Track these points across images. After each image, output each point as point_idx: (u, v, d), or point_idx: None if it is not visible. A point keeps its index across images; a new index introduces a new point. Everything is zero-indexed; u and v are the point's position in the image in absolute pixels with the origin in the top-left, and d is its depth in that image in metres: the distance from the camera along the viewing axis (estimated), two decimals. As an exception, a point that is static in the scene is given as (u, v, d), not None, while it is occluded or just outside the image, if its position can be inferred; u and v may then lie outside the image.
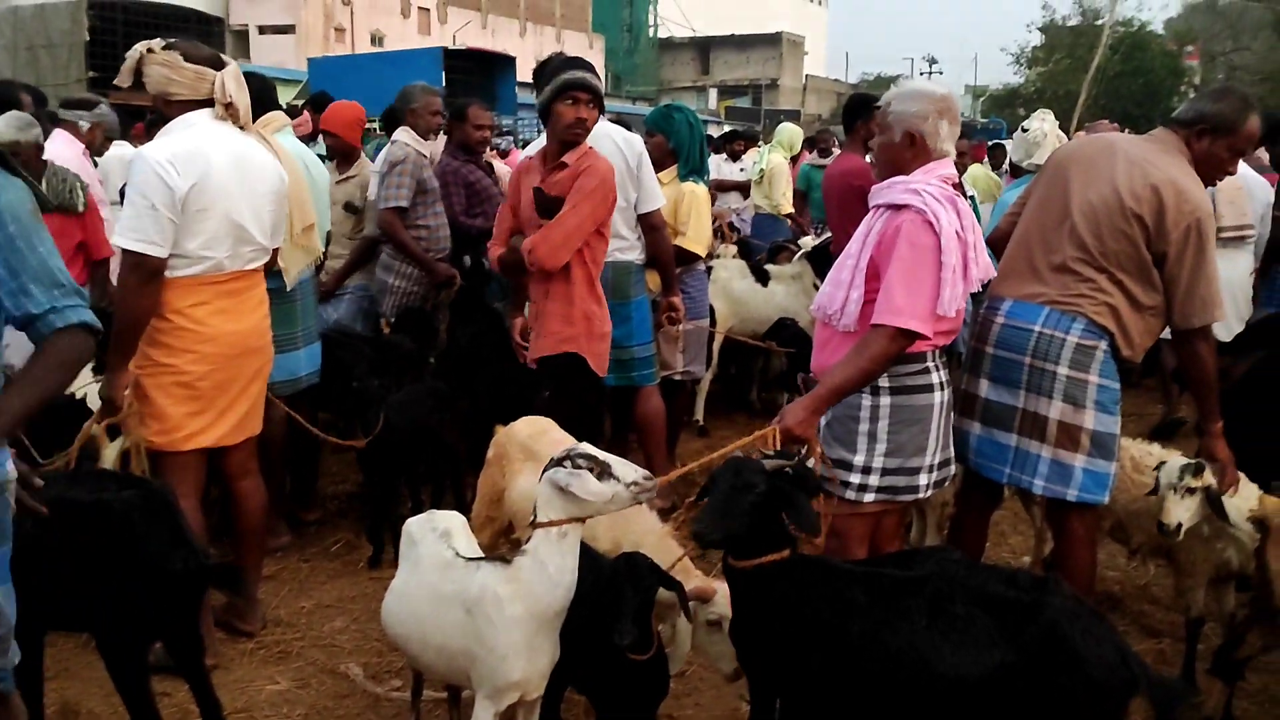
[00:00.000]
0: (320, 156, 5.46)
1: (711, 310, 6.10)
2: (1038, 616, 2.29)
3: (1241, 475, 3.50)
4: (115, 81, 3.53)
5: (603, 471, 2.40)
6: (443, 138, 5.97)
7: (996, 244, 3.67)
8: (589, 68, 4.04)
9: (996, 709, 2.30)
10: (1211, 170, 3.29)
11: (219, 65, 3.53)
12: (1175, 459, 3.37)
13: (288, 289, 4.36)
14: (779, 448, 2.84)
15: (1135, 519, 3.62)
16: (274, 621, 4.04)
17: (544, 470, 2.49)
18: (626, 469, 2.42)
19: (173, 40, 3.52)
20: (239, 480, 3.83)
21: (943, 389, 3.12)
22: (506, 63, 19.18)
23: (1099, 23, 35.33)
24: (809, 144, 12.59)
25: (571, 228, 3.88)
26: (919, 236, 2.90)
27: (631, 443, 5.52)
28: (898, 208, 2.97)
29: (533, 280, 4.08)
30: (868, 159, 5.29)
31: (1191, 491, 3.23)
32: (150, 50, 3.44)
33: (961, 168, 6.10)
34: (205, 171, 3.39)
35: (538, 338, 4.10)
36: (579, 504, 2.41)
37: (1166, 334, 3.44)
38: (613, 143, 4.51)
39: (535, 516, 2.48)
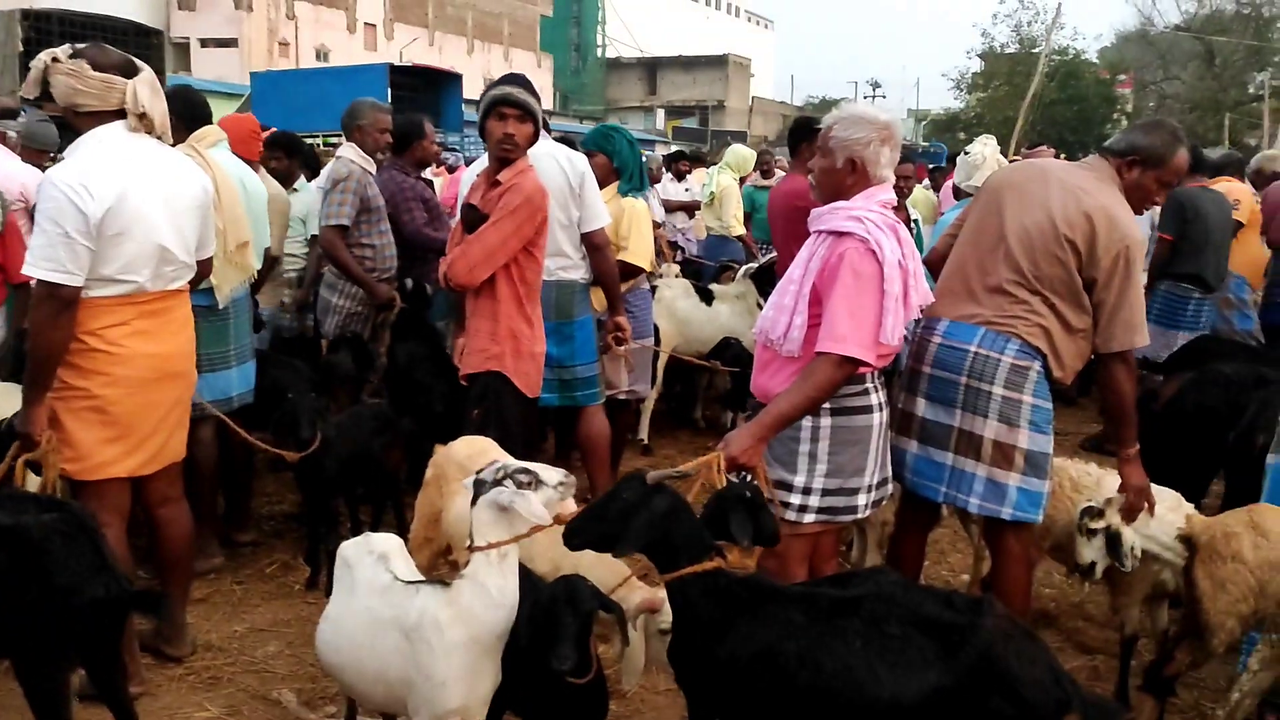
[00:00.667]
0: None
1: (656, 329, 6.11)
2: (972, 638, 2.29)
3: (1174, 494, 3.57)
4: (20, 92, 3.35)
5: (534, 482, 2.39)
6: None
7: (933, 265, 3.72)
8: (521, 82, 4.02)
9: None
10: (1140, 199, 3.36)
11: (130, 72, 3.31)
12: (1084, 503, 3.43)
13: (220, 306, 4.27)
14: (724, 474, 2.84)
15: (1072, 539, 3.65)
16: (204, 646, 3.93)
17: (474, 491, 2.45)
18: (551, 474, 2.44)
19: (80, 46, 3.31)
20: (160, 508, 3.67)
21: (881, 409, 3.16)
22: (453, 80, 19.10)
23: (1036, 51, 36.16)
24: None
25: (492, 245, 3.85)
26: (862, 265, 2.93)
27: (575, 462, 5.50)
28: (840, 234, 2.99)
29: (467, 298, 4.06)
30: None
31: (1094, 533, 3.31)
32: (55, 59, 3.22)
33: (907, 191, 6.20)
34: (121, 193, 3.19)
35: (466, 355, 4.07)
36: (520, 523, 2.39)
37: None
38: (555, 162, 4.50)
39: (471, 540, 2.45)
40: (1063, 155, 8.26)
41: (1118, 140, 3.43)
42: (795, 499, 3.08)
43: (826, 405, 3.03)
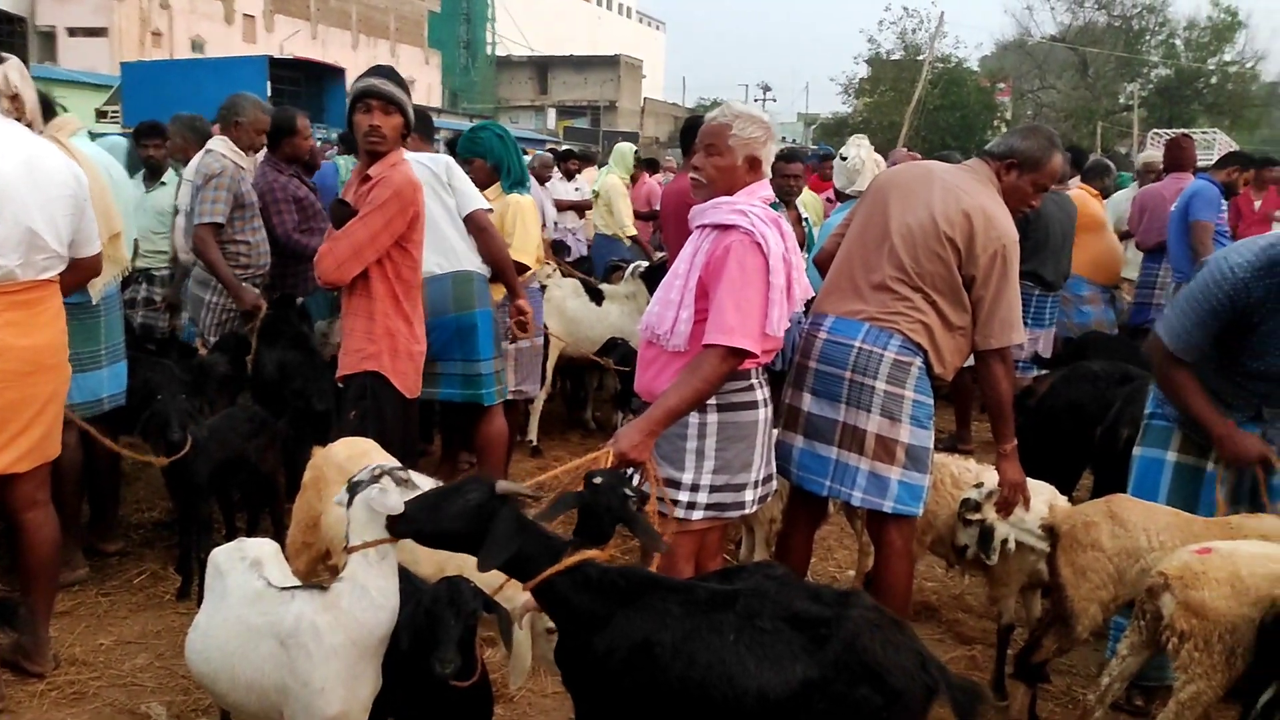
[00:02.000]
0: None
1: (545, 328, 6.06)
2: (839, 630, 2.32)
3: (1049, 488, 3.68)
4: None
5: (409, 483, 2.36)
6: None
7: (822, 264, 3.78)
8: (387, 74, 3.92)
9: None
10: (1017, 201, 3.46)
11: None
12: (967, 489, 3.54)
13: (93, 302, 4.07)
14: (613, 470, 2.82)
15: (953, 533, 3.74)
16: (69, 660, 3.74)
17: (350, 493, 2.39)
18: (425, 480, 2.40)
19: None
20: (26, 511, 3.49)
21: (766, 405, 3.19)
22: (336, 74, 18.62)
23: (919, 58, 37.25)
24: (650, 165, 12.73)
25: (359, 241, 3.76)
26: (747, 257, 2.97)
27: (463, 464, 5.42)
28: (724, 228, 3.02)
29: (343, 296, 3.95)
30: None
31: (969, 523, 3.45)
32: None
33: (797, 190, 6.29)
34: None
35: (341, 355, 3.97)
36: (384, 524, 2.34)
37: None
38: (420, 164, 4.41)
39: (348, 541, 2.39)
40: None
41: (998, 144, 3.53)
42: (684, 496, 3.09)
43: (713, 402, 3.05)
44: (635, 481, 2.96)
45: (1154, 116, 37.31)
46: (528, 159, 6.68)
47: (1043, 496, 3.57)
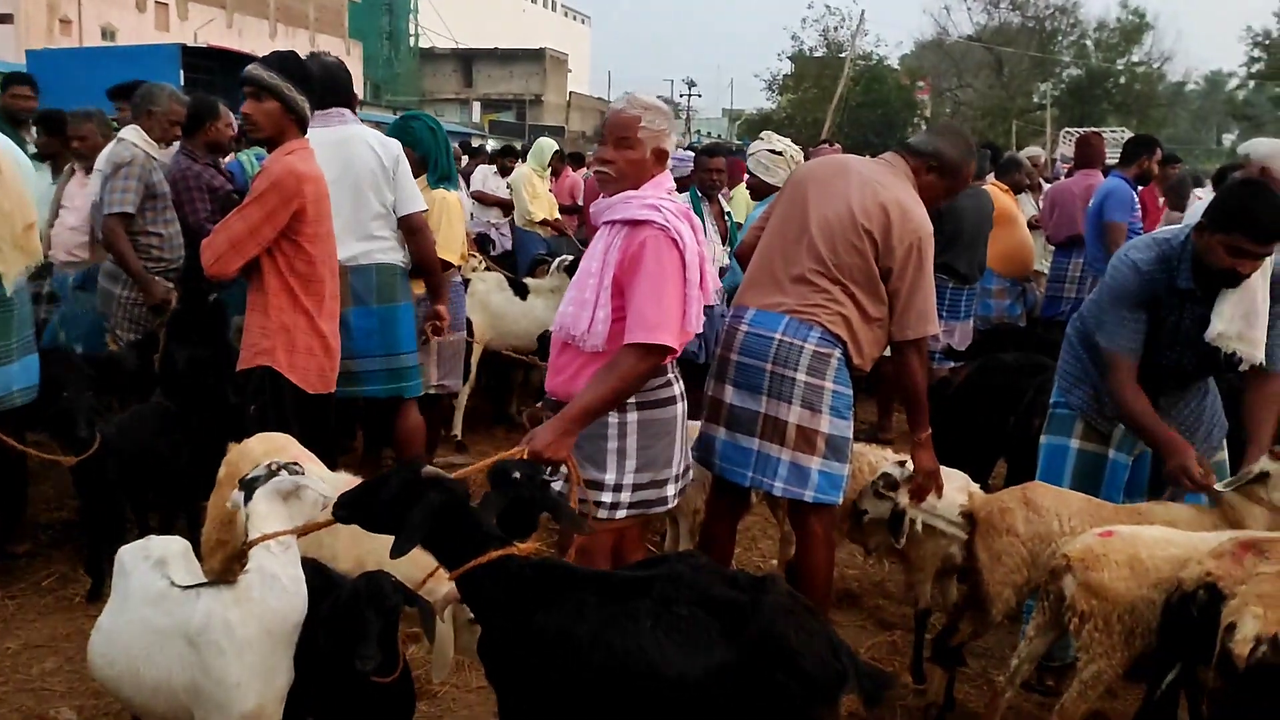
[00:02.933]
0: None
1: (469, 323, 6.02)
2: (754, 615, 2.35)
3: (962, 475, 3.77)
4: None
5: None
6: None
7: (743, 257, 3.81)
8: (271, 60, 3.80)
9: (718, 707, 2.35)
10: (929, 200, 3.54)
11: None
12: (887, 464, 3.62)
13: (7, 295, 3.93)
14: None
15: (860, 497, 3.81)
16: (-28, 667, 3.63)
17: (245, 491, 2.39)
18: (322, 473, 2.41)
19: None
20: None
21: (683, 399, 3.20)
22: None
23: (842, 55, 37.74)
24: (575, 160, 12.70)
25: (237, 233, 3.66)
26: (664, 253, 2.95)
27: (386, 460, 5.36)
28: (636, 223, 2.99)
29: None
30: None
31: (882, 496, 3.52)
32: None
33: (720, 184, 6.34)
34: None
35: (241, 349, 3.88)
36: (299, 514, 2.32)
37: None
38: (367, 145, 4.36)
39: (248, 535, 2.36)
40: (867, 154, 8.66)
41: (923, 143, 3.59)
42: (607, 497, 3.06)
43: (632, 400, 3.04)
44: (557, 484, 2.97)
45: (1066, 115, 38.31)
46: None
47: (956, 483, 3.66)
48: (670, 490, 3.19)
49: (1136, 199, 6.78)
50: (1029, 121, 39.24)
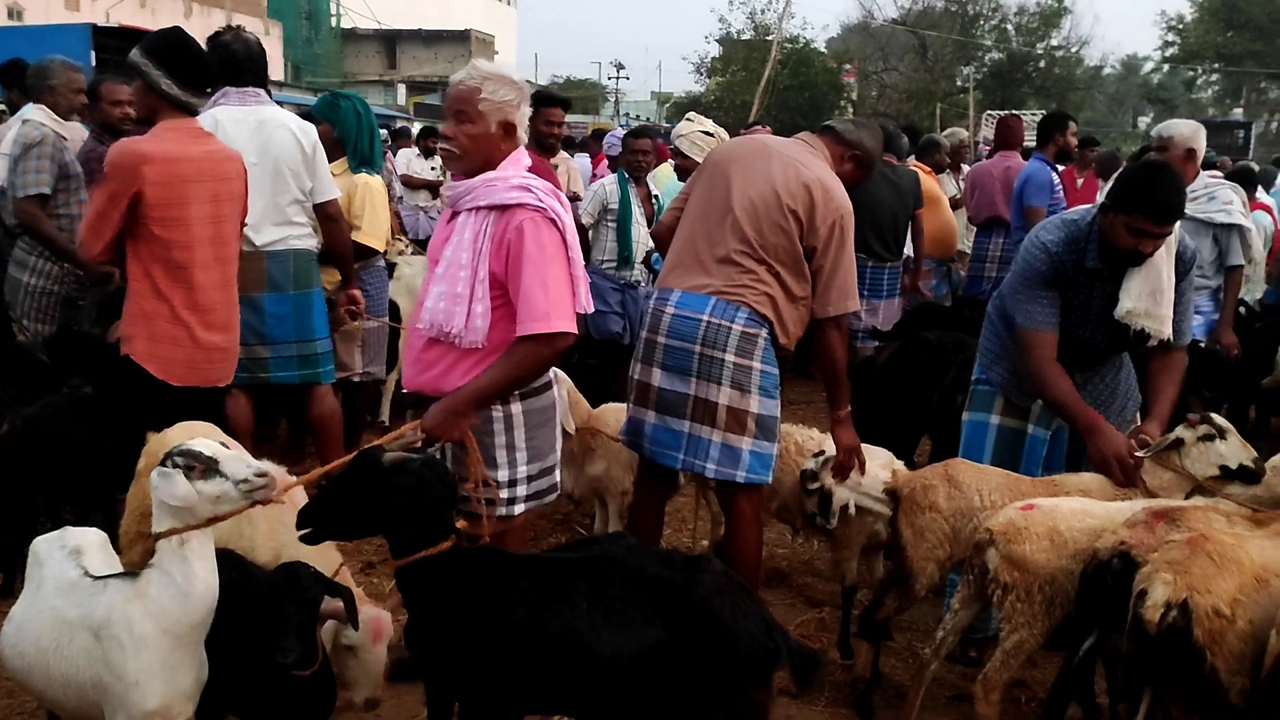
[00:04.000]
0: None
1: (395, 308, 5.94)
2: (689, 594, 2.38)
3: (886, 452, 3.83)
4: None
5: (206, 469, 2.23)
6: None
7: (660, 238, 3.82)
8: (150, 41, 3.66)
9: (653, 686, 2.38)
10: (844, 185, 3.56)
11: None
12: (806, 460, 3.64)
13: None
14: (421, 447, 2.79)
15: (798, 499, 3.85)
16: (-124, 670, 3.48)
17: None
18: (237, 465, 2.25)
19: None
20: None
21: (557, 381, 3.18)
22: None
23: (769, 38, 37.86)
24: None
25: (88, 214, 3.55)
26: (545, 235, 2.83)
27: (310, 448, 5.28)
28: (507, 208, 2.84)
29: None
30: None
31: (810, 492, 3.54)
32: None
33: (646, 165, 6.33)
34: None
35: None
36: (179, 510, 2.25)
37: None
38: (288, 130, 4.28)
39: (154, 527, 2.30)
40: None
41: (850, 132, 3.63)
42: (504, 494, 2.98)
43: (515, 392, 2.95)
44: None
45: (988, 98, 38.94)
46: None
47: (880, 460, 3.71)
48: (557, 475, 3.17)
49: (1056, 180, 6.91)
50: (953, 104, 39.77)
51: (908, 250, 6.95)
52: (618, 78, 59.18)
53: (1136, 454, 3.36)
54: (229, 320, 3.79)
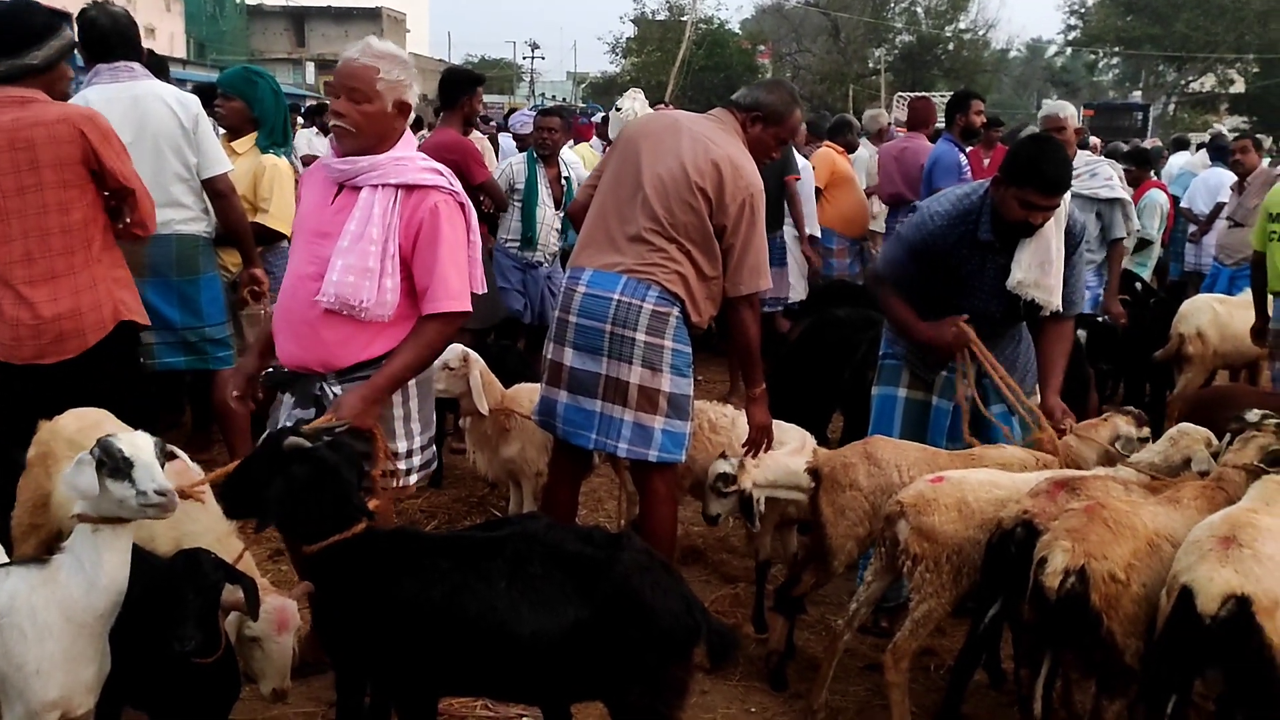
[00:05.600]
0: None
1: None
2: (609, 572, 2.39)
3: (800, 433, 3.88)
4: None
5: (116, 470, 2.16)
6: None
7: (574, 216, 3.79)
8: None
9: (573, 663, 2.38)
10: (761, 153, 3.58)
11: None
12: (719, 462, 3.59)
13: None
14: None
15: (708, 495, 3.87)
16: None
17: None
18: (146, 477, 2.16)
19: None
20: None
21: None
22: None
23: (683, 19, 37.85)
24: (414, 124, 12.32)
25: None
26: (456, 218, 2.92)
27: (216, 435, 5.15)
28: (419, 188, 2.88)
29: None
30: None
31: (725, 495, 3.54)
32: None
33: (552, 144, 6.28)
34: None
35: None
36: (90, 502, 2.19)
37: None
38: (164, 104, 4.11)
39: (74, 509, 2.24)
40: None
41: (744, 96, 3.62)
42: (403, 465, 3.02)
43: None
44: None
45: (900, 80, 39.60)
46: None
47: (794, 442, 3.75)
48: (433, 445, 3.20)
49: (964, 160, 7.04)
50: (865, 86, 40.28)
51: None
52: (533, 58, 58.71)
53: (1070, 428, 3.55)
54: (52, 295, 3.41)
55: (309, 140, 10.26)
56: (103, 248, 3.51)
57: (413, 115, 3.03)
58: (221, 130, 5.16)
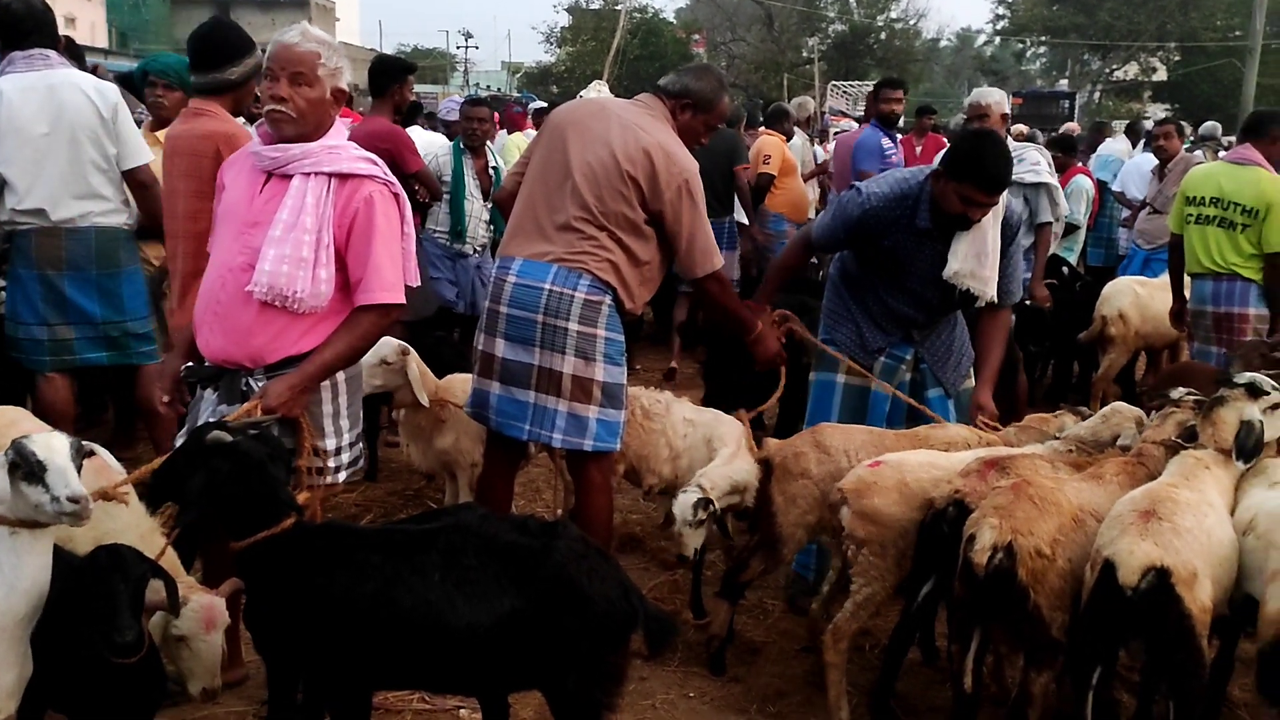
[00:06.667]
0: None
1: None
2: (545, 561, 2.38)
3: (736, 425, 3.89)
4: None
5: (31, 473, 2.10)
6: None
7: (502, 203, 3.76)
8: None
9: (510, 653, 2.38)
10: (690, 140, 3.57)
11: None
12: (688, 494, 3.40)
13: None
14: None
15: (644, 463, 3.88)
16: None
17: None
18: (59, 483, 2.10)
19: None
20: None
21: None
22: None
23: (618, 8, 37.75)
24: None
25: None
26: (390, 208, 2.88)
27: (141, 432, 5.04)
28: (353, 178, 2.83)
29: None
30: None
31: (702, 523, 3.39)
32: None
33: (481, 135, 6.24)
34: None
35: None
36: (5, 505, 2.13)
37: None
38: (81, 93, 3.99)
39: None
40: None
41: (673, 82, 3.60)
42: (332, 463, 2.96)
43: None
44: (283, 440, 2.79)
45: (833, 69, 39.86)
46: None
47: (730, 437, 3.76)
48: (361, 441, 3.16)
49: (887, 143, 7.13)
50: (799, 75, 40.49)
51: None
52: (466, 47, 58.20)
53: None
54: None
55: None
56: None
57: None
58: (147, 119, 5.03)
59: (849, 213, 3.71)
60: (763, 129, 8.43)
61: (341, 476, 3.02)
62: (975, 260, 3.60)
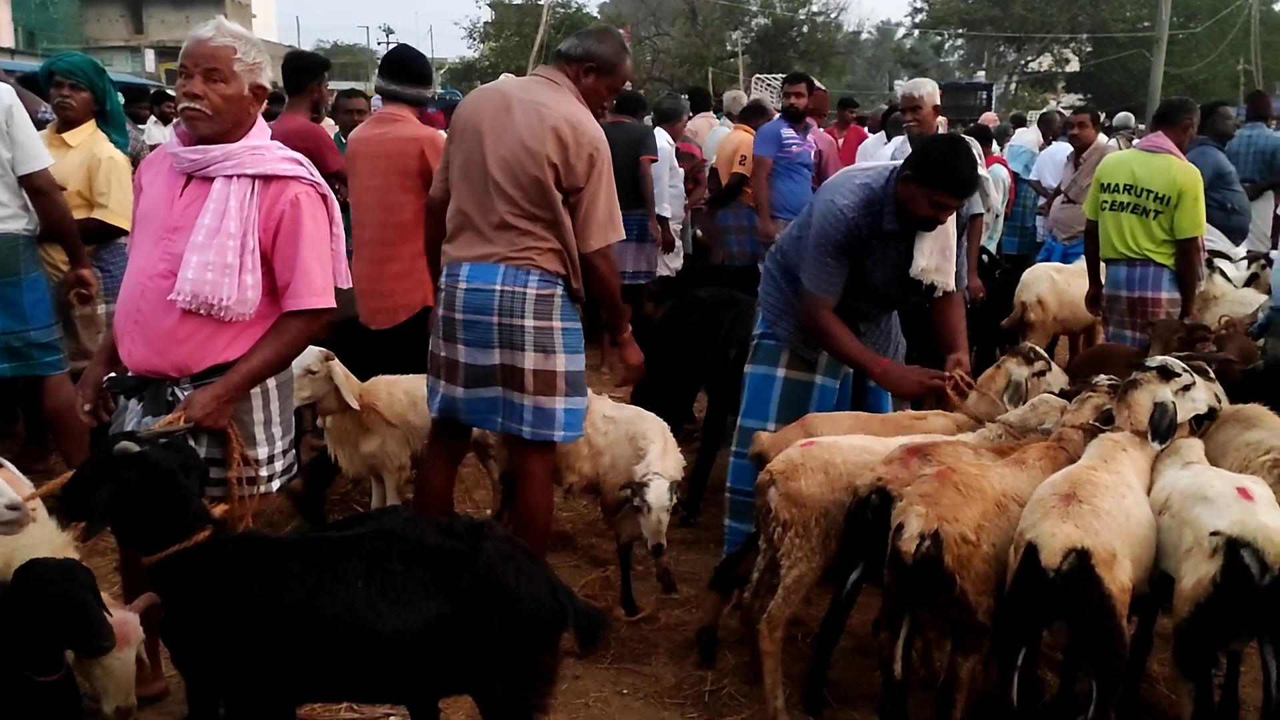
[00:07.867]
0: None
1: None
2: (472, 563, 2.36)
3: (657, 421, 3.90)
4: None
5: None
6: None
7: (434, 210, 3.67)
8: None
9: (439, 658, 2.35)
10: (595, 103, 3.52)
11: None
12: (658, 484, 3.53)
13: None
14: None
15: (564, 460, 3.86)
16: None
17: None
18: None
19: None
20: None
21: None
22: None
23: (541, 3, 37.58)
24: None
25: None
26: (318, 211, 2.80)
27: (52, 443, 4.88)
28: (278, 179, 2.75)
29: None
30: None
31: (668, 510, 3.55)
32: None
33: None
34: None
35: None
36: None
37: None
38: None
39: None
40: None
41: (574, 47, 3.52)
42: (264, 471, 2.89)
43: None
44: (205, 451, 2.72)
45: (757, 63, 40.14)
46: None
47: (655, 433, 3.78)
48: (294, 449, 3.10)
49: (787, 133, 7.19)
50: (724, 69, 40.73)
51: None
52: (387, 43, 57.35)
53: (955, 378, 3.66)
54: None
55: (147, 130, 9.74)
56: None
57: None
58: (53, 120, 4.86)
59: (834, 239, 3.62)
60: (737, 124, 8.38)
61: (275, 485, 2.93)
62: (940, 255, 3.67)
